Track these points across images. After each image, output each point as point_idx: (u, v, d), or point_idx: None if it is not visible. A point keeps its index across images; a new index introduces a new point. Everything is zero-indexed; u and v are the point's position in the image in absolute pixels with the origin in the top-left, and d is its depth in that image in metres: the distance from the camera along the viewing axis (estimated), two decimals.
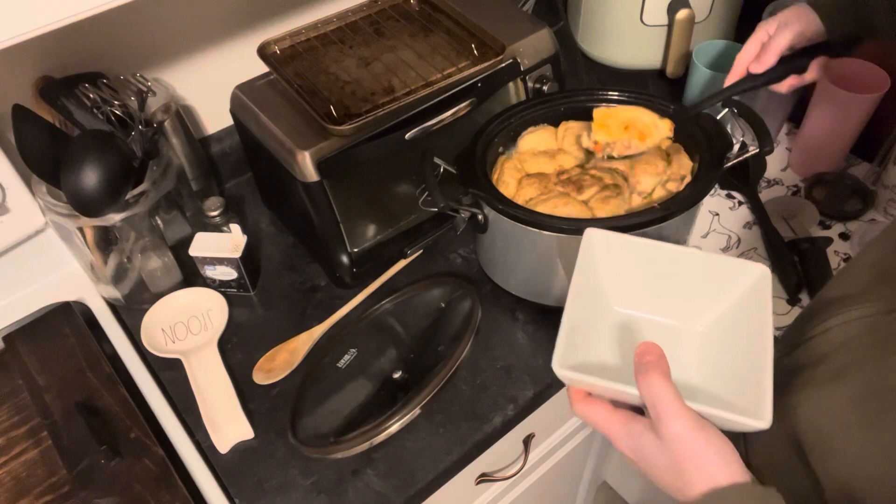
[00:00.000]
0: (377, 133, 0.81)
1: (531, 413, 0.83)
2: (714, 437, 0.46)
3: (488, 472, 0.92)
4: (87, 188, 0.73)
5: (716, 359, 0.56)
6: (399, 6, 0.97)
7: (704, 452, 0.45)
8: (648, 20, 1.11)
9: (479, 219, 0.80)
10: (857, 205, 0.97)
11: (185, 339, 0.87)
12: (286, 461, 0.76)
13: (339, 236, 0.86)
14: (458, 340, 0.77)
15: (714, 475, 0.45)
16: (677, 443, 0.45)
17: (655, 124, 0.79)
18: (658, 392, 0.45)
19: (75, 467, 0.74)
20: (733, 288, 0.56)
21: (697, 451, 0.45)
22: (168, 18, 0.90)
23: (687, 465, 0.45)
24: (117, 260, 0.87)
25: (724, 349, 0.55)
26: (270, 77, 0.89)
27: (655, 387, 0.45)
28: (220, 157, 1.05)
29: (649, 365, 0.46)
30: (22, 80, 0.81)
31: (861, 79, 0.93)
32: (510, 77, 0.91)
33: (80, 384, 0.81)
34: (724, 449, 0.46)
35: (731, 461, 0.45)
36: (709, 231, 0.97)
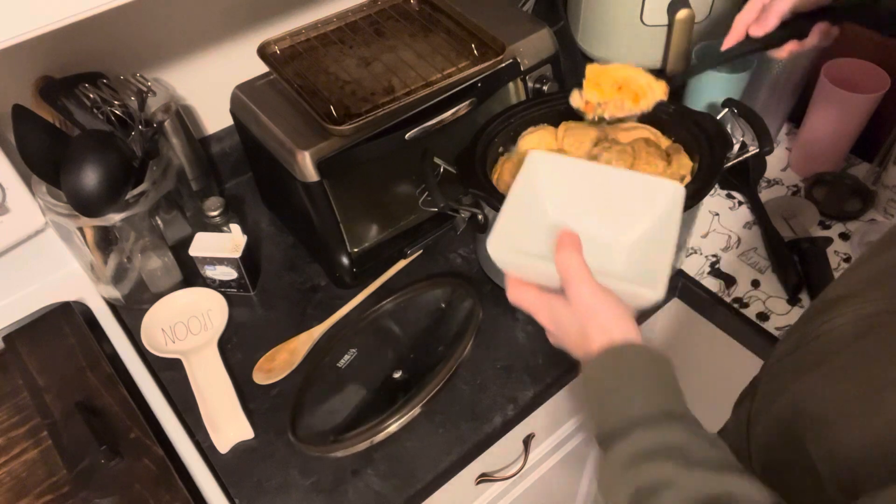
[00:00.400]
0: (377, 133, 0.81)
1: (531, 413, 0.83)
2: (614, 303, 0.53)
3: (488, 472, 0.92)
4: (87, 188, 0.73)
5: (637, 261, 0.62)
6: (399, 6, 0.97)
7: (605, 314, 0.52)
8: (648, 20, 1.11)
9: (479, 219, 0.80)
10: (857, 205, 0.97)
11: (185, 339, 0.87)
12: (286, 461, 0.76)
13: (339, 236, 0.86)
14: (458, 340, 0.77)
15: (611, 334, 0.52)
16: (583, 306, 0.53)
17: (650, 85, 0.77)
18: (569, 264, 0.53)
19: (75, 467, 0.74)
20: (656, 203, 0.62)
21: (599, 312, 0.52)
22: (168, 18, 0.90)
23: (589, 325, 0.53)
24: (117, 260, 0.87)
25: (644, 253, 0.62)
26: (270, 77, 0.89)
27: (567, 259, 0.53)
28: (220, 157, 1.05)
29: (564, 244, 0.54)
30: (22, 80, 0.82)
31: (861, 79, 0.93)
32: (510, 77, 0.91)
33: (80, 384, 0.81)
34: (622, 313, 0.53)
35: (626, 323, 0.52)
36: (709, 231, 0.97)
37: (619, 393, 0.50)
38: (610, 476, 0.49)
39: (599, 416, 0.52)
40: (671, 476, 0.46)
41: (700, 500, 0.44)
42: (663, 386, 0.51)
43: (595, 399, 0.52)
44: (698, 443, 0.48)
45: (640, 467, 0.47)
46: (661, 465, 0.46)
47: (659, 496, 0.45)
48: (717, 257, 0.94)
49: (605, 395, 0.51)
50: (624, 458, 0.48)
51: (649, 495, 0.46)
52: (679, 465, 0.46)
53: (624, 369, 0.51)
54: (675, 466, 0.46)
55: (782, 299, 0.88)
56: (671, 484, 0.45)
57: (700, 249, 0.95)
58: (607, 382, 0.51)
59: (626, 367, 0.52)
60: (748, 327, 0.87)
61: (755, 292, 0.89)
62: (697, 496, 0.44)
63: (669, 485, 0.45)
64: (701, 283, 0.91)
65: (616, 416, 0.50)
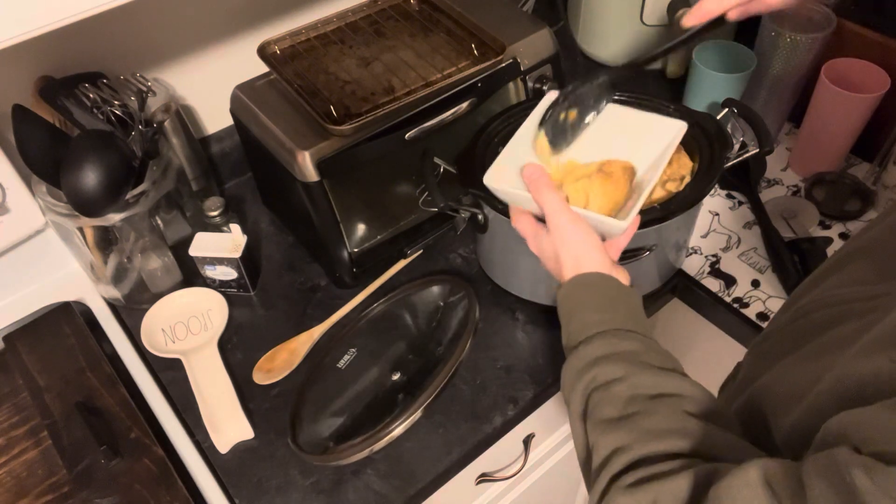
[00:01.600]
0: (377, 133, 0.81)
1: (531, 413, 0.83)
2: (586, 233, 0.59)
3: (488, 472, 0.92)
4: (87, 188, 0.73)
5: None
6: (399, 6, 0.97)
7: (577, 242, 0.59)
8: (648, 20, 1.11)
9: (479, 219, 0.80)
10: (857, 205, 0.97)
11: (185, 339, 0.87)
12: (286, 461, 0.76)
13: (339, 236, 0.86)
14: (457, 340, 0.77)
15: (580, 261, 0.59)
16: (558, 232, 0.60)
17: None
18: (545, 197, 0.60)
19: (75, 467, 0.74)
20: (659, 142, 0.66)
21: (571, 240, 0.59)
22: (168, 18, 0.90)
23: (562, 252, 0.60)
24: (117, 260, 0.87)
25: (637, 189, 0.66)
26: (270, 77, 0.89)
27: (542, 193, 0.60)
28: (220, 157, 1.05)
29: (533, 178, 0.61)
30: (22, 80, 0.81)
31: (861, 79, 0.93)
32: (510, 77, 0.91)
33: (80, 384, 0.81)
34: (592, 243, 0.59)
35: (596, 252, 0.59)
36: (709, 231, 0.97)
37: (586, 311, 0.57)
38: (569, 376, 0.55)
39: (567, 331, 0.58)
40: (623, 373, 0.51)
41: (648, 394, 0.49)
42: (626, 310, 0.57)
43: (565, 316, 0.59)
44: (652, 352, 0.53)
45: (596, 367, 0.52)
46: (615, 365, 0.52)
47: (609, 389, 0.51)
48: (717, 257, 0.94)
49: (573, 312, 0.58)
50: (583, 360, 0.53)
51: (602, 389, 0.51)
52: (631, 364, 0.51)
53: (590, 292, 0.58)
54: (627, 365, 0.51)
55: (782, 299, 0.88)
56: (623, 379, 0.50)
57: (700, 249, 0.95)
58: (575, 302, 0.58)
59: (592, 290, 0.58)
60: (748, 327, 0.87)
61: (755, 292, 0.89)
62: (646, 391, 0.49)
63: (621, 380, 0.50)
64: (701, 283, 0.91)
65: (581, 328, 0.56)
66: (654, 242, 0.79)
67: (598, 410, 0.50)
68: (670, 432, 0.46)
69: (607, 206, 0.64)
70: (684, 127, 0.65)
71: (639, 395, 0.49)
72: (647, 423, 0.47)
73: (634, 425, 0.47)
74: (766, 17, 0.97)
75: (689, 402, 0.48)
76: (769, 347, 0.57)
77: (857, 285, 0.50)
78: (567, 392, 0.55)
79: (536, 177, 0.61)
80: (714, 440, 0.45)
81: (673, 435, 0.46)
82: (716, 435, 0.45)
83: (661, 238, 0.79)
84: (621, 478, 0.45)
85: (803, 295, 0.57)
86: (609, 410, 0.49)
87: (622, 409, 0.49)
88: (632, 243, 0.78)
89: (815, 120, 0.98)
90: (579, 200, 0.65)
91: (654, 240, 0.79)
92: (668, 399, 0.49)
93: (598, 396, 0.51)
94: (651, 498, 0.43)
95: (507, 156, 0.67)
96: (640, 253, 0.79)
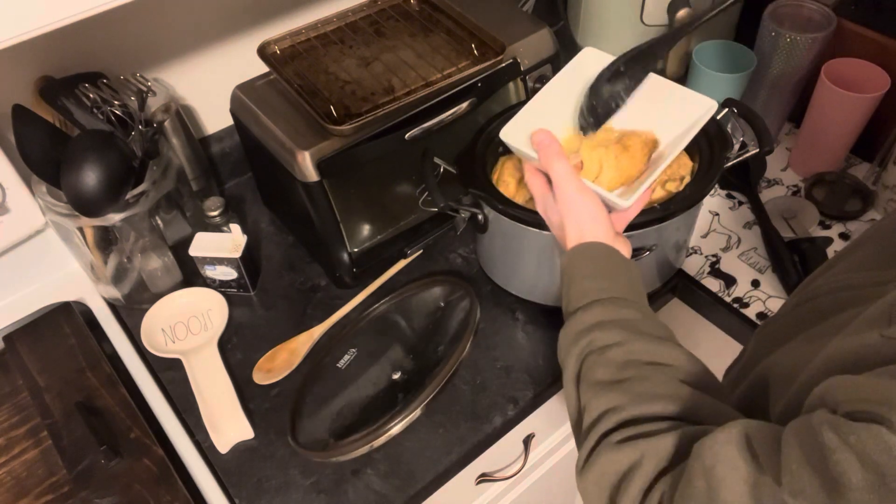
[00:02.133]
0: (377, 133, 0.81)
1: (531, 413, 0.83)
2: (591, 203, 0.60)
3: (488, 472, 0.92)
4: (87, 188, 0.73)
5: None
6: (399, 6, 0.97)
7: (581, 212, 0.60)
8: (648, 20, 1.10)
9: (479, 219, 0.80)
10: (857, 205, 0.97)
11: (185, 339, 0.87)
12: (286, 461, 0.76)
13: (339, 236, 0.86)
14: (457, 340, 0.77)
15: (583, 231, 0.60)
16: (564, 203, 0.60)
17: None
18: (556, 166, 0.60)
19: (75, 467, 0.74)
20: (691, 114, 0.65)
21: (575, 209, 0.60)
22: (168, 18, 0.90)
23: (567, 220, 0.60)
24: (117, 260, 0.87)
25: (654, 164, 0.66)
26: (270, 77, 0.89)
27: (553, 163, 0.60)
28: (220, 157, 1.05)
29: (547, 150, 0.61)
30: (22, 80, 0.81)
31: (861, 79, 0.93)
32: (510, 77, 0.91)
33: (80, 384, 0.81)
34: (596, 214, 0.60)
35: (599, 224, 0.60)
36: (709, 231, 0.97)
37: (586, 279, 0.58)
38: (566, 340, 0.56)
39: (567, 297, 0.59)
40: (619, 339, 0.52)
41: (643, 360, 0.50)
42: (625, 280, 0.58)
43: (566, 283, 0.60)
44: (649, 321, 0.54)
45: (593, 332, 0.53)
46: (612, 331, 0.53)
47: (605, 353, 0.51)
48: (717, 257, 0.94)
49: (573, 279, 0.59)
50: (581, 325, 0.55)
51: (597, 353, 0.52)
52: (628, 332, 0.52)
53: (591, 261, 0.59)
54: (624, 332, 0.52)
55: (782, 299, 0.88)
56: (619, 344, 0.51)
57: (700, 249, 0.95)
58: (576, 270, 0.59)
59: (593, 259, 0.59)
60: (748, 327, 0.87)
61: (755, 292, 0.89)
62: (641, 357, 0.50)
63: (617, 344, 0.52)
64: (701, 283, 0.91)
65: (580, 295, 0.57)
66: (654, 242, 0.79)
67: (591, 373, 0.51)
68: (662, 396, 0.47)
69: (619, 180, 0.64)
70: (714, 105, 0.64)
71: (633, 360, 0.50)
72: (639, 387, 0.49)
73: (627, 388, 0.49)
74: (767, 17, 0.97)
75: (682, 371, 0.50)
76: (774, 331, 0.58)
77: (865, 271, 0.51)
78: (563, 355, 0.56)
79: (547, 143, 0.61)
80: (704, 406, 0.47)
81: (664, 399, 0.47)
82: (706, 402, 0.47)
83: (661, 238, 0.79)
84: (610, 435, 0.47)
85: (812, 282, 0.58)
86: (603, 373, 0.51)
87: (616, 372, 0.50)
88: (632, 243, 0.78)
89: (815, 120, 0.98)
90: (592, 169, 0.65)
91: (654, 240, 0.79)
92: (663, 367, 0.50)
93: (593, 360, 0.52)
94: (638, 454, 0.45)
95: (529, 111, 0.66)
96: (640, 253, 0.79)
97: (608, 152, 0.64)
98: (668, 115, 0.66)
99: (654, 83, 0.67)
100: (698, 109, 0.65)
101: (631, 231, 0.75)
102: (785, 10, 1.00)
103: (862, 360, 0.39)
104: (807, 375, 0.45)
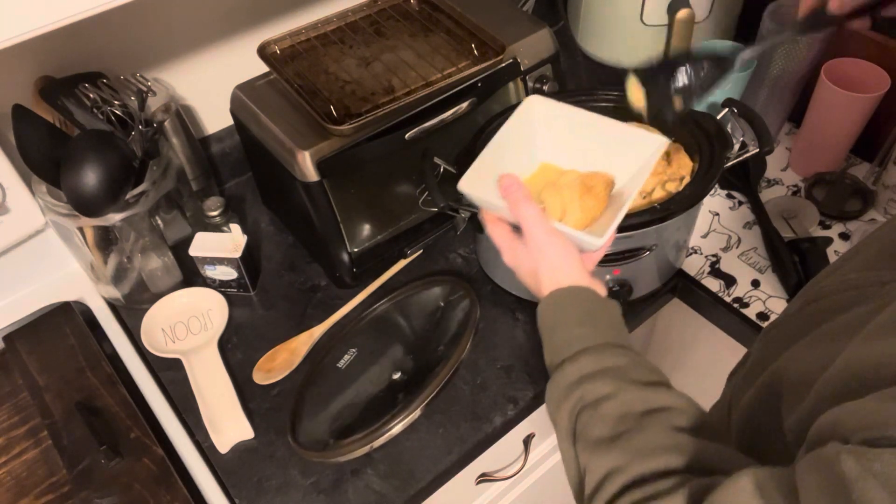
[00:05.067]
0: (377, 133, 0.81)
1: (531, 413, 0.83)
2: (563, 246, 0.58)
3: (488, 472, 0.92)
4: (87, 188, 0.73)
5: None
6: (399, 6, 0.97)
7: (554, 256, 0.58)
8: (648, 20, 1.11)
9: (479, 219, 0.80)
10: (857, 205, 0.97)
11: (185, 339, 0.87)
12: (286, 461, 0.76)
13: (339, 236, 0.86)
14: (457, 340, 0.77)
15: (558, 275, 0.58)
16: (536, 246, 0.58)
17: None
18: (524, 211, 0.58)
19: (75, 467, 0.74)
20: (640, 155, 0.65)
21: (548, 254, 0.58)
22: (168, 18, 0.90)
23: (540, 265, 0.58)
24: (117, 260, 0.87)
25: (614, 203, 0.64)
26: (270, 77, 0.89)
27: (522, 208, 0.58)
28: (220, 157, 1.05)
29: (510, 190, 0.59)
30: (22, 80, 0.81)
31: (861, 79, 0.93)
32: (510, 77, 0.91)
33: (80, 384, 0.81)
34: (570, 257, 0.58)
35: (573, 267, 0.58)
36: (709, 231, 0.97)
37: (567, 325, 0.56)
38: (555, 395, 0.54)
39: (549, 348, 0.57)
40: (611, 390, 0.50)
41: (638, 411, 0.48)
42: (607, 322, 0.56)
43: (546, 331, 0.58)
44: (638, 366, 0.52)
45: (583, 385, 0.51)
46: (602, 382, 0.51)
47: (598, 408, 0.50)
48: (717, 257, 0.94)
49: (554, 327, 0.57)
50: (569, 378, 0.53)
51: (590, 408, 0.50)
52: (619, 381, 0.50)
53: (570, 306, 0.57)
54: (615, 382, 0.51)
55: (782, 299, 0.88)
56: (611, 396, 0.50)
57: (700, 249, 0.95)
58: (555, 317, 0.57)
59: (572, 304, 0.57)
60: (748, 327, 0.87)
61: (755, 292, 0.89)
62: (635, 407, 0.49)
63: (610, 396, 0.50)
64: (701, 282, 0.91)
65: (563, 345, 0.55)
66: (654, 242, 0.79)
67: (588, 430, 0.50)
68: (663, 449, 0.46)
69: (585, 221, 0.63)
70: (666, 143, 0.64)
71: (628, 412, 0.49)
72: (638, 441, 0.47)
73: (627, 444, 0.47)
74: (766, 17, 0.97)
75: (677, 415, 0.48)
76: (780, 333, 0.57)
77: (869, 271, 0.50)
78: (553, 411, 0.54)
79: (514, 189, 0.59)
80: (706, 453, 0.45)
81: (666, 452, 0.45)
82: (707, 448, 0.45)
83: (661, 238, 0.79)
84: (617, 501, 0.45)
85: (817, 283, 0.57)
86: (599, 430, 0.49)
87: (613, 427, 0.48)
88: (632, 243, 0.78)
89: (815, 120, 0.98)
90: (556, 212, 0.63)
91: (654, 240, 0.79)
92: (658, 414, 0.48)
93: (588, 415, 0.50)
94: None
95: (484, 161, 0.64)
96: (640, 253, 0.79)
97: (571, 194, 0.63)
98: (621, 154, 0.66)
99: (606, 125, 0.67)
100: (650, 147, 0.65)
101: (631, 231, 0.75)
102: (785, 9, 1.00)
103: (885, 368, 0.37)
104: (822, 384, 0.43)
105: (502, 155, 0.66)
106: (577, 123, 0.67)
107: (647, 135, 0.66)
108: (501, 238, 0.62)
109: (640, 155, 0.65)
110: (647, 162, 0.64)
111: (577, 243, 0.60)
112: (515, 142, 0.67)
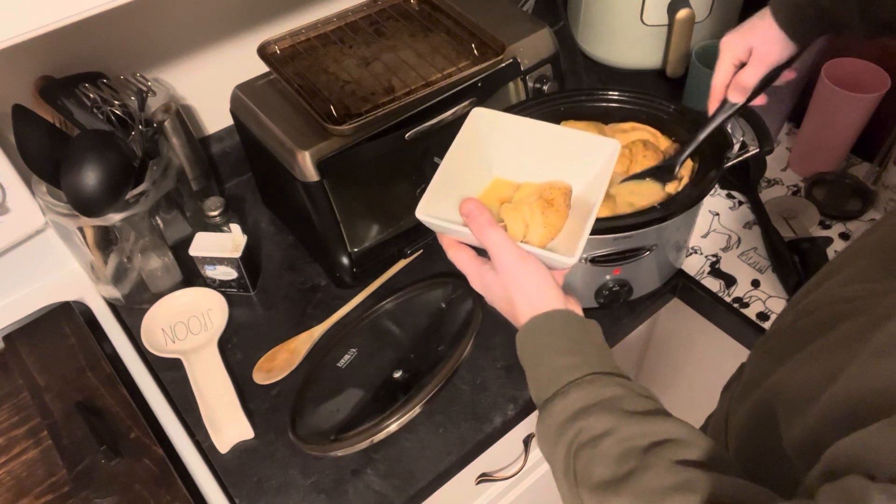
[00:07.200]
0: (377, 133, 0.81)
1: (531, 413, 0.83)
2: (535, 269, 0.55)
3: (488, 472, 0.92)
4: (87, 188, 0.73)
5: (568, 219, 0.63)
6: (399, 6, 0.97)
7: (527, 281, 0.54)
8: (648, 20, 1.11)
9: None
10: (857, 205, 0.97)
11: (185, 339, 0.87)
12: (286, 461, 0.76)
13: (339, 236, 0.86)
14: (458, 340, 0.77)
15: (533, 300, 0.55)
16: (507, 272, 0.55)
17: None
18: (490, 236, 0.54)
19: (75, 467, 0.74)
20: (595, 162, 0.62)
21: (521, 279, 0.54)
22: (168, 18, 0.90)
23: (513, 292, 0.55)
24: (117, 260, 0.87)
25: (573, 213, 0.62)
26: (270, 77, 0.89)
27: (487, 233, 0.55)
28: (220, 157, 1.05)
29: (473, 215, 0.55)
30: (22, 80, 0.81)
31: (861, 79, 0.93)
32: (510, 77, 0.91)
33: (80, 384, 0.81)
34: (544, 280, 0.55)
35: (548, 290, 0.55)
36: (709, 231, 0.97)
37: (552, 355, 0.53)
38: (549, 433, 0.51)
39: (534, 382, 0.55)
40: (609, 425, 0.47)
41: (640, 446, 0.46)
42: (591, 348, 0.53)
43: (529, 362, 0.55)
44: (630, 395, 0.50)
45: (578, 421, 0.49)
46: (598, 417, 0.48)
47: (597, 446, 0.47)
48: (717, 257, 0.94)
49: (539, 358, 0.54)
50: (562, 415, 0.50)
51: (589, 446, 0.47)
52: (615, 415, 0.48)
53: (553, 334, 0.54)
54: (612, 416, 0.48)
55: (782, 299, 0.88)
56: (610, 432, 0.47)
57: (700, 249, 0.95)
58: (538, 347, 0.54)
59: (554, 331, 0.54)
60: (748, 327, 0.87)
61: (755, 292, 0.89)
62: (636, 442, 0.46)
63: (608, 433, 0.47)
64: (701, 282, 0.91)
65: (551, 378, 0.52)
66: (654, 242, 0.79)
67: (590, 472, 0.47)
68: (673, 489, 0.43)
69: (548, 235, 0.61)
70: (618, 146, 0.62)
71: (630, 448, 0.46)
72: (646, 481, 0.44)
73: (634, 487, 0.44)
74: None
75: (682, 448, 0.46)
76: (774, 346, 0.57)
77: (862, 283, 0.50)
78: (547, 449, 0.51)
79: (476, 214, 0.56)
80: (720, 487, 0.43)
81: (676, 491, 0.43)
82: (722, 482, 0.43)
83: (661, 238, 0.79)
84: None
85: (806, 295, 0.57)
86: (602, 471, 0.46)
87: (616, 468, 0.46)
88: (632, 243, 0.78)
89: (815, 120, 0.98)
90: (518, 230, 0.60)
91: (654, 240, 0.79)
92: (661, 449, 0.46)
93: (587, 455, 0.47)
94: None
95: (438, 184, 0.60)
96: (640, 253, 0.79)
97: (532, 209, 0.61)
98: (574, 160, 0.63)
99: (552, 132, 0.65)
100: (603, 151, 0.62)
101: (631, 231, 0.75)
102: None
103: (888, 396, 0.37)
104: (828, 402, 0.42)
105: (456, 175, 0.62)
106: (525, 133, 0.65)
107: (596, 138, 0.64)
108: (466, 264, 0.59)
109: (595, 159, 0.62)
110: (605, 167, 0.61)
111: (548, 263, 0.57)
112: (468, 159, 0.64)
